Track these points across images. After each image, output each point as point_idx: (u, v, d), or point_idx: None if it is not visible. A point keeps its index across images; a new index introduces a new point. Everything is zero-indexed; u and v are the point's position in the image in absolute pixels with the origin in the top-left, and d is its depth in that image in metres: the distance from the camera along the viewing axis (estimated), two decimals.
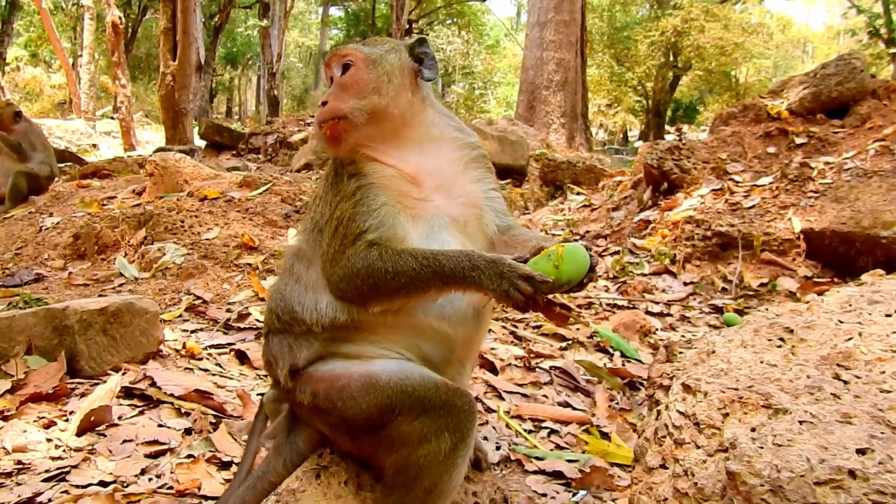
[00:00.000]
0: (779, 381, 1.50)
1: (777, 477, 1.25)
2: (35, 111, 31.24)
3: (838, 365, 1.51)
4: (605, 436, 3.48)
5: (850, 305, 1.79)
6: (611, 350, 4.75)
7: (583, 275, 1.79)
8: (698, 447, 1.48)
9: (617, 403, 3.90)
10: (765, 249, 6.52)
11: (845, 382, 1.46)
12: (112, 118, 27.84)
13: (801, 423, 1.36)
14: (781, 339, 1.70)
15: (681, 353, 1.90)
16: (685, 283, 6.46)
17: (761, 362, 1.60)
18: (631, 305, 5.83)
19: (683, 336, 5.13)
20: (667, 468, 1.55)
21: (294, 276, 2.04)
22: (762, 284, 6.25)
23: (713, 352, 1.72)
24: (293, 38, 54.66)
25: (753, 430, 1.39)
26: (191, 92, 17.24)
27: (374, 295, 1.86)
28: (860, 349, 1.55)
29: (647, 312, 5.64)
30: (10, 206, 8.23)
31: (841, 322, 1.71)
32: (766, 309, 1.94)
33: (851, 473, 1.23)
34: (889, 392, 1.40)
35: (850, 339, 1.61)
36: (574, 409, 3.83)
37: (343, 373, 1.90)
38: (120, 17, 21.61)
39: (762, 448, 1.32)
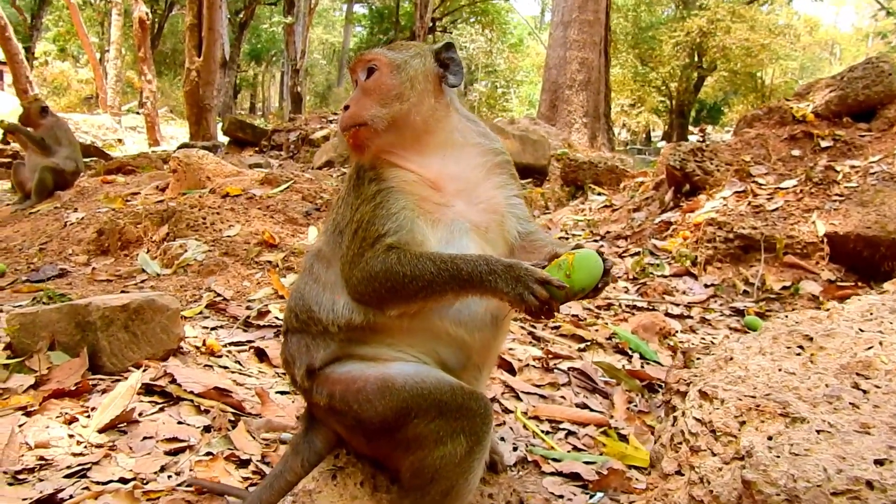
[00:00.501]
0: (797, 390, 1.49)
1: (793, 486, 1.24)
2: (62, 106, 31.69)
3: (858, 374, 1.50)
4: (623, 438, 3.46)
5: (871, 314, 1.76)
6: (630, 352, 4.72)
7: (596, 281, 1.77)
8: (714, 454, 1.47)
9: (635, 405, 3.88)
10: (787, 252, 6.44)
11: (864, 392, 1.44)
12: (137, 113, 28.16)
13: (818, 432, 1.34)
14: (801, 347, 1.68)
15: (698, 359, 1.89)
16: (706, 286, 6.40)
17: (779, 370, 1.59)
18: (651, 307, 5.79)
19: (703, 339, 5.09)
20: (682, 475, 1.54)
21: (313, 276, 2.06)
22: (784, 288, 6.18)
23: (731, 358, 1.71)
24: (317, 34, 54.93)
25: (770, 438, 1.38)
26: (215, 88, 17.37)
27: (392, 298, 1.87)
28: (881, 358, 1.53)
29: (667, 314, 5.60)
30: (36, 200, 8.34)
31: (861, 331, 1.68)
32: (786, 316, 1.92)
33: (869, 484, 1.21)
34: None
35: (870, 347, 1.59)
36: (592, 410, 3.81)
37: (359, 375, 1.91)
38: (147, 13, 21.83)
39: (779, 457, 1.31)
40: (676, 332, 5.20)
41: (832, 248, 6.42)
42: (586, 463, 3.12)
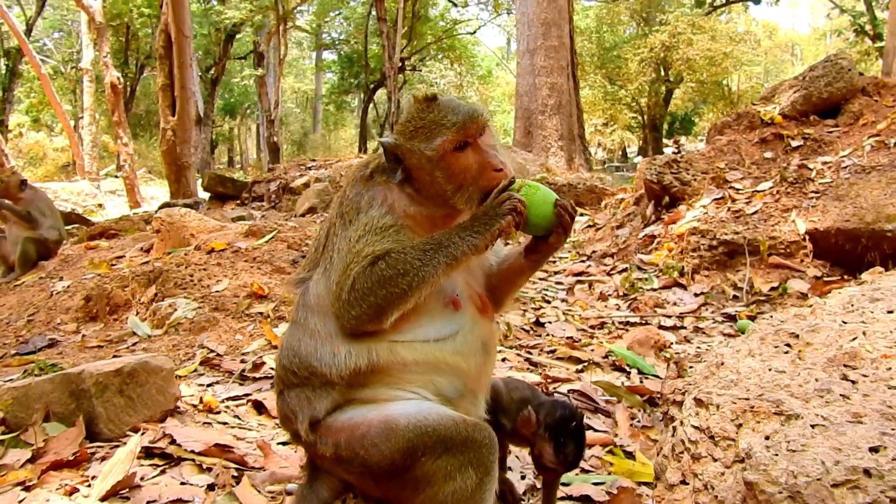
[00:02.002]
0: (788, 387, 1.51)
1: (794, 483, 1.26)
2: (39, 175, 31.64)
3: (845, 365, 1.52)
4: (630, 455, 3.45)
5: (853, 305, 1.80)
6: (627, 368, 4.73)
7: (549, 196, 1.97)
8: (715, 460, 1.49)
9: (638, 421, 3.88)
10: (772, 253, 6.51)
11: (853, 382, 1.47)
12: (116, 177, 28.15)
13: (813, 426, 1.36)
14: (788, 345, 1.71)
15: (691, 367, 1.91)
16: (696, 295, 6.44)
17: (770, 370, 1.61)
18: (643, 321, 5.82)
19: (699, 347, 5.11)
20: (687, 483, 1.55)
21: (308, 330, 2.04)
22: (773, 288, 6.24)
23: (722, 363, 1.73)
24: (289, 83, 55.39)
25: (767, 438, 1.40)
26: (192, 145, 17.43)
27: (389, 303, 1.89)
28: (865, 348, 1.56)
29: (661, 327, 5.63)
30: (21, 272, 8.31)
31: (844, 322, 1.71)
32: (771, 316, 1.95)
33: (867, 472, 1.23)
34: None
35: (854, 338, 1.61)
36: (596, 430, 3.81)
37: (361, 420, 1.92)
38: (118, 77, 21.97)
39: (777, 455, 1.32)
40: (671, 343, 5.22)
41: (815, 245, 6.49)
42: (595, 484, 3.11)
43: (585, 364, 4.72)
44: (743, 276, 6.46)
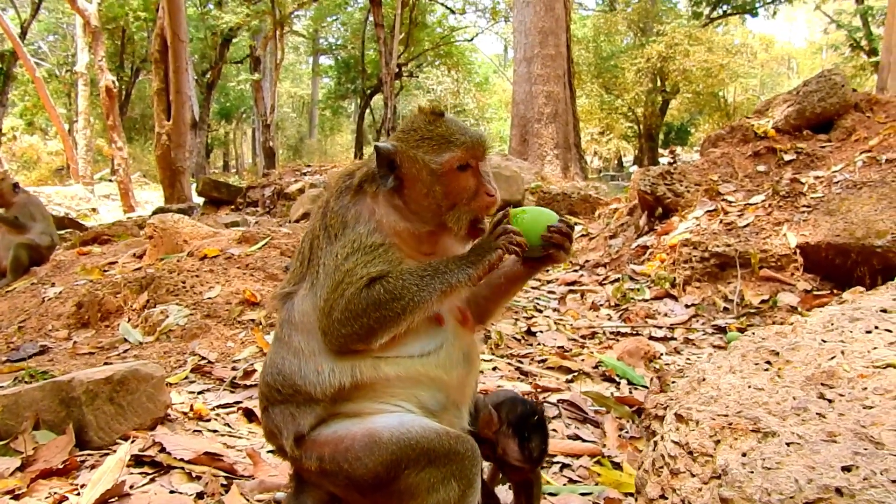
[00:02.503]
0: (766, 405, 1.54)
1: (768, 500, 1.28)
2: (33, 179, 31.55)
3: (822, 384, 1.55)
4: (617, 466, 3.47)
5: (833, 324, 1.83)
6: (617, 378, 4.76)
7: (547, 215, 2.02)
8: (693, 475, 1.51)
9: (626, 432, 3.90)
10: (763, 266, 6.56)
11: (830, 401, 1.50)
12: (110, 181, 28.10)
13: (788, 444, 1.39)
14: (768, 363, 1.73)
15: (673, 382, 1.94)
16: (687, 306, 6.49)
17: (749, 387, 1.64)
18: (634, 332, 5.85)
19: (688, 359, 5.14)
20: (666, 498, 1.57)
21: (291, 348, 2.04)
22: (763, 301, 6.28)
23: (703, 379, 1.76)
24: (285, 88, 55.42)
25: (744, 454, 1.43)
26: (187, 150, 17.43)
27: (381, 326, 1.91)
28: (843, 367, 1.59)
29: (651, 338, 5.66)
30: (12, 278, 8.28)
31: (824, 341, 1.74)
32: (753, 333, 1.98)
33: (838, 491, 1.26)
34: (871, 408, 1.43)
35: (833, 357, 1.64)
36: (584, 441, 3.83)
37: (345, 434, 1.93)
38: (113, 81, 21.95)
39: (752, 472, 1.35)
40: (661, 354, 5.25)
41: (805, 259, 6.55)
42: (583, 494, 3.14)
43: (576, 374, 4.74)
44: (734, 288, 6.51)
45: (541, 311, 6.38)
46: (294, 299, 2.08)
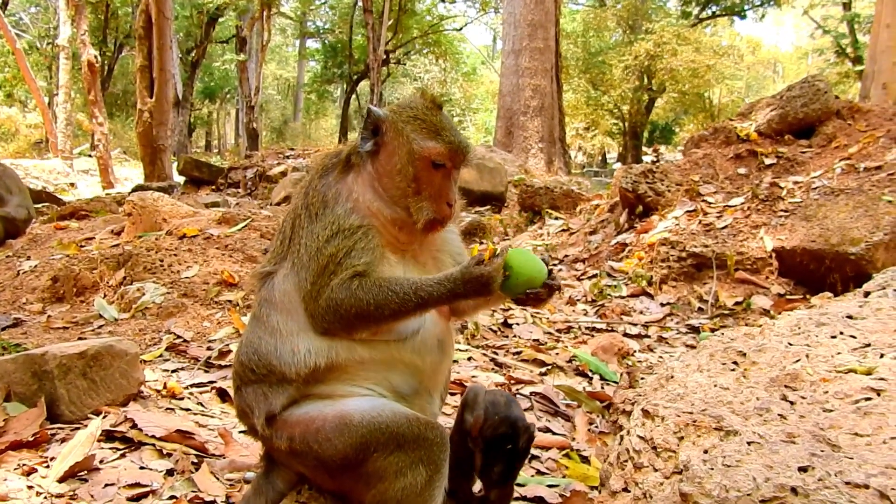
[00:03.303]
0: (730, 404, 1.58)
1: (726, 497, 1.32)
2: (11, 151, 31.03)
3: (786, 386, 1.59)
4: (585, 459, 3.52)
5: (799, 328, 1.87)
6: (590, 373, 4.82)
7: (535, 264, 1.97)
8: (656, 470, 1.55)
9: (596, 427, 3.96)
10: (738, 269, 6.64)
11: (791, 403, 1.54)
12: (89, 156, 27.73)
13: (749, 443, 1.43)
14: (735, 363, 1.78)
15: (642, 378, 1.98)
16: (662, 305, 6.56)
17: (715, 385, 1.68)
18: (609, 328, 5.91)
19: (661, 357, 5.21)
20: (629, 491, 1.61)
21: (268, 328, 2.06)
22: (737, 303, 6.37)
23: (672, 377, 1.80)
24: (271, 70, 54.90)
25: (706, 451, 1.47)
26: (169, 128, 17.25)
27: (361, 323, 1.95)
28: (807, 370, 1.63)
29: (625, 335, 5.72)
30: None
31: (790, 344, 1.79)
32: (722, 333, 2.03)
33: (794, 490, 1.30)
34: (831, 411, 1.48)
35: (797, 360, 1.69)
36: (554, 433, 3.88)
37: (317, 415, 1.95)
38: (96, 56, 21.61)
39: (712, 469, 1.39)
40: (635, 352, 5.31)
41: (780, 263, 6.64)
42: (549, 486, 3.18)
43: (549, 367, 4.79)
44: (709, 289, 6.59)
45: None
46: (274, 279, 2.10)
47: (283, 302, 2.04)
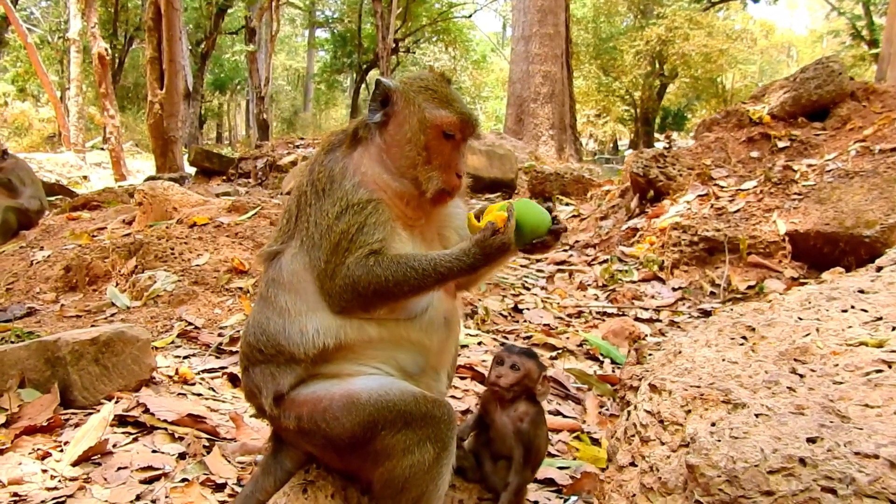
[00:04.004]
0: (739, 378, 1.57)
1: (733, 468, 1.31)
2: (25, 145, 31.26)
3: (795, 360, 1.58)
4: (596, 442, 3.53)
5: (810, 303, 1.85)
6: (601, 357, 4.81)
7: (540, 223, 1.97)
8: (663, 443, 1.54)
9: (607, 409, 3.95)
10: (751, 252, 6.59)
11: (801, 376, 1.52)
12: (102, 149, 27.86)
13: (757, 416, 1.42)
14: (744, 338, 1.76)
15: (650, 354, 1.97)
16: (674, 289, 6.52)
17: (723, 360, 1.67)
18: (620, 313, 5.89)
19: (665, 335, 5.18)
20: (636, 465, 1.60)
21: (276, 308, 2.04)
22: (750, 287, 6.32)
23: (679, 352, 1.79)
24: (280, 61, 54.90)
25: (713, 424, 1.45)
26: (179, 119, 17.30)
27: (379, 300, 1.95)
28: (817, 344, 1.61)
29: (637, 319, 5.70)
30: (1, 241, 8.27)
31: (800, 319, 1.77)
32: (731, 309, 2.01)
33: (802, 461, 1.29)
34: (841, 383, 1.46)
35: (807, 334, 1.67)
36: (564, 416, 3.88)
37: (324, 394, 1.95)
38: (106, 49, 21.68)
39: (720, 441, 1.38)
40: (646, 335, 5.29)
41: (794, 246, 6.58)
42: (560, 468, 3.18)
43: (560, 351, 4.78)
44: (721, 273, 6.55)
45: (528, 289, 6.41)
46: (282, 259, 2.09)
47: (292, 282, 2.03)
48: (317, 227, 2.01)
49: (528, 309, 5.71)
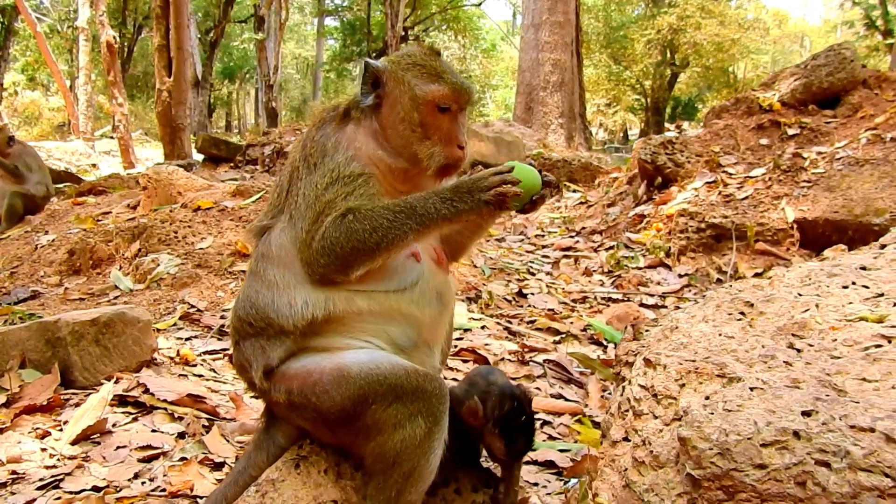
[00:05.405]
0: (735, 352, 1.54)
1: (725, 440, 1.29)
2: (35, 134, 31.40)
3: (793, 335, 1.55)
4: (597, 425, 3.50)
5: (810, 279, 1.82)
6: (604, 342, 4.78)
7: (535, 179, 1.95)
8: (656, 417, 1.52)
9: (609, 393, 3.93)
10: (759, 240, 6.54)
11: (798, 351, 1.49)
12: (111, 137, 27.92)
13: (752, 389, 1.39)
14: (742, 313, 1.73)
15: (647, 330, 1.94)
16: (680, 276, 6.48)
17: (720, 335, 1.64)
18: (625, 298, 5.85)
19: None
20: (629, 440, 1.58)
21: (265, 281, 2.03)
22: (757, 274, 6.24)
23: (676, 328, 1.76)
24: (289, 49, 54.80)
25: (707, 398, 1.43)
26: (188, 107, 17.29)
27: (357, 258, 1.89)
28: (815, 319, 1.58)
29: (642, 305, 5.66)
30: (6, 226, 8.32)
31: (800, 295, 1.74)
32: (730, 285, 1.98)
33: (796, 434, 1.26)
34: (839, 358, 1.43)
35: (806, 310, 1.64)
36: (567, 400, 3.86)
37: (314, 368, 1.93)
38: (115, 37, 21.66)
39: (712, 414, 1.35)
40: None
41: (802, 234, 6.52)
42: (561, 451, 3.17)
43: (563, 336, 4.76)
44: (728, 260, 6.49)
45: (533, 275, 6.38)
46: (272, 233, 2.07)
47: (280, 255, 2.01)
48: (305, 199, 1.99)
49: (532, 294, 5.69)
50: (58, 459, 2.78)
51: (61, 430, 2.98)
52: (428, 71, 2.06)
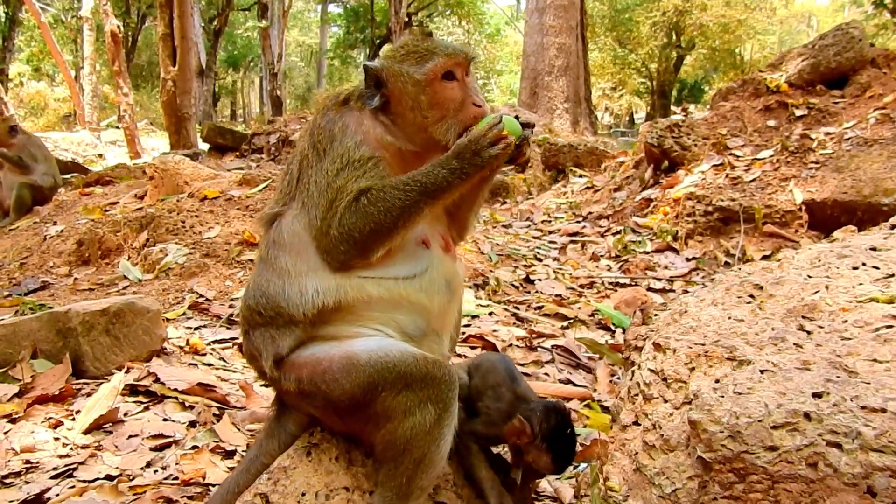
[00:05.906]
0: (744, 335, 1.53)
1: (736, 423, 1.29)
2: (41, 125, 31.44)
3: (803, 317, 1.54)
4: (606, 410, 3.51)
5: (820, 261, 1.81)
6: (612, 327, 4.78)
7: (517, 126, 1.96)
8: (666, 401, 1.52)
9: (618, 378, 3.93)
10: (767, 222, 6.50)
11: (808, 333, 1.49)
12: (117, 128, 27.91)
13: (762, 372, 1.39)
14: (751, 296, 1.73)
15: (656, 315, 1.94)
16: (687, 259, 6.46)
17: (729, 318, 1.63)
18: (633, 283, 5.84)
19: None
20: (639, 424, 1.58)
21: (277, 269, 2.02)
22: (765, 257, 6.24)
23: (685, 311, 1.75)
24: (293, 37, 54.60)
25: (717, 381, 1.43)
26: (193, 96, 17.27)
27: (375, 239, 1.91)
28: (825, 301, 1.58)
29: (649, 289, 5.65)
30: (15, 217, 8.34)
31: (810, 277, 1.73)
32: (739, 268, 1.97)
33: (807, 416, 1.26)
34: (849, 339, 1.42)
35: (816, 292, 1.63)
36: (575, 385, 3.87)
37: (324, 356, 1.93)
38: (119, 27, 21.63)
39: (723, 397, 1.35)
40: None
41: (810, 216, 6.49)
42: None
43: (571, 321, 4.76)
44: (736, 243, 6.47)
45: (540, 260, 6.38)
46: (282, 220, 2.07)
47: (293, 242, 2.01)
48: (317, 186, 1.99)
49: (539, 279, 5.68)
50: (71, 448, 2.80)
51: (74, 419, 3.01)
52: (421, 52, 2.07)
